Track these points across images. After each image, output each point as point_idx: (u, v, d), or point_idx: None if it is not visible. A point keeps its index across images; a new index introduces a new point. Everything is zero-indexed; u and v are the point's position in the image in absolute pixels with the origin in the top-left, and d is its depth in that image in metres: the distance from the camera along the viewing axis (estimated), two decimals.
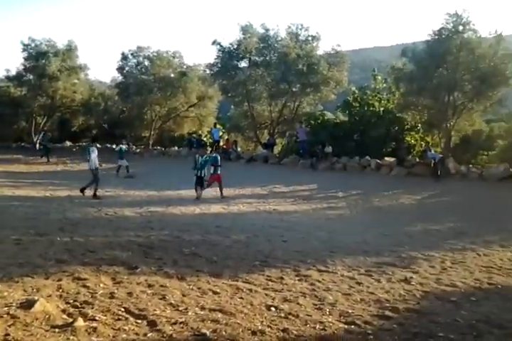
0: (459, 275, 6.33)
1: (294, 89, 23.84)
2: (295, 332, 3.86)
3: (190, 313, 4.13)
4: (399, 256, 7.34)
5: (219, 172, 14.25)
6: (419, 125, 21.91)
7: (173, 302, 4.41)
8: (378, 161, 19.46)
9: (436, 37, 18.92)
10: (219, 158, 14.57)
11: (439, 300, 5.14)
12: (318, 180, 17.13)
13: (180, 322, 3.89)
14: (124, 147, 20.47)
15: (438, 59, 18.63)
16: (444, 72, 18.61)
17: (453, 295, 5.35)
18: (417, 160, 19.52)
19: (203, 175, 13.51)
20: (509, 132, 30.96)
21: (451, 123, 19.31)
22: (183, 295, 4.65)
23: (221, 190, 14.05)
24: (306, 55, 23.13)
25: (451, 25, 18.59)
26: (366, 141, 21.16)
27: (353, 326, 4.11)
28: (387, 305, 4.81)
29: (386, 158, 19.79)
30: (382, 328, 4.09)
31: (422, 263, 6.93)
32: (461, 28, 18.49)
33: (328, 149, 20.62)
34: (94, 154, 12.82)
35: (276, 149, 25.41)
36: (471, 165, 19.36)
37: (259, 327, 3.91)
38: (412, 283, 5.79)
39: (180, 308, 4.25)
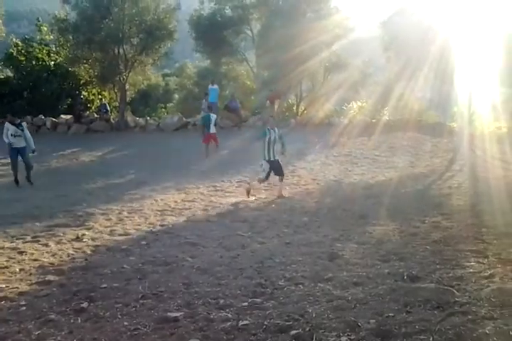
0: (133, 223, 6.44)
1: None
2: None
3: None
4: (74, 215, 6.96)
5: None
6: (95, 79, 21.19)
7: None
8: (54, 119, 18.19)
9: None
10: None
11: (109, 252, 5.06)
12: None
13: None
14: None
15: (103, 10, 18.04)
16: (110, 23, 18.17)
17: (124, 244, 5.36)
18: (96, 115, 19.09)
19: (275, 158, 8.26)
20: (182, 85, 33.82)
21: (125, 77, 19.34)
22: None
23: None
24: None
25: None
26: (38, 99, 19.30)
27: (3, 302, 3.57)
28: (51, 268, 4.43)
29: (62, 116, 18.66)
30: (38, 295, 3.71)
31: (99, 218, 6.76)
32: None
33: None
34: None
35: None
36: (149, 118, 20.23)
37: None
38: (84, 240, 5.56)
39: None
